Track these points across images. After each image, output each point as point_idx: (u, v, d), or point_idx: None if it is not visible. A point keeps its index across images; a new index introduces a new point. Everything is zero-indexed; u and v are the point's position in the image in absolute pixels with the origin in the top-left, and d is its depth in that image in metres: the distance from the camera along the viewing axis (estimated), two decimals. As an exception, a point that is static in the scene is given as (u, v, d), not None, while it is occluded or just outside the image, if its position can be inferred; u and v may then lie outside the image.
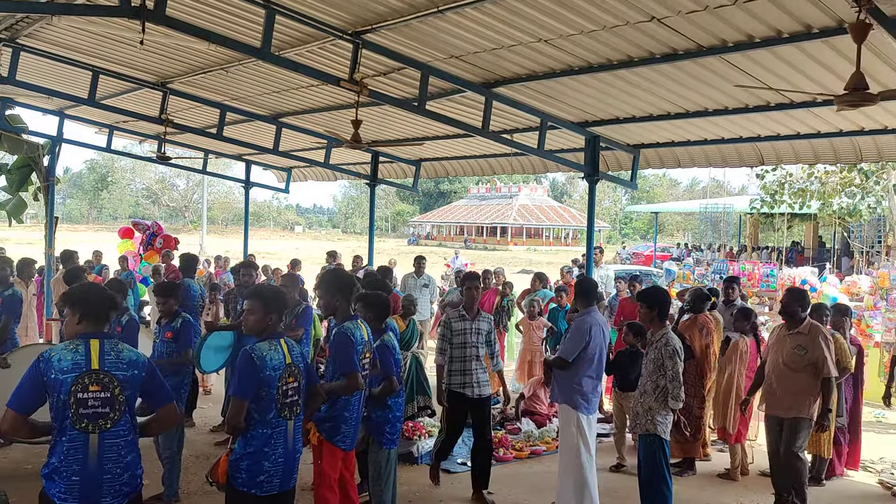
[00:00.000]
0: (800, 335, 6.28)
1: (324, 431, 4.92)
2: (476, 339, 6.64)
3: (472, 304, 6.71)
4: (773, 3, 5.49)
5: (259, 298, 4.18)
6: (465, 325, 6.62)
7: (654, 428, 5.74)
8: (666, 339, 5.80)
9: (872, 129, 8.24)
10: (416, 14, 6.63)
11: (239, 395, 3.96)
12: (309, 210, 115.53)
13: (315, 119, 11.81)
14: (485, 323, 6.76)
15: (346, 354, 4.81)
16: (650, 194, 78.76)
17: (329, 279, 5.25)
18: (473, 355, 6.62)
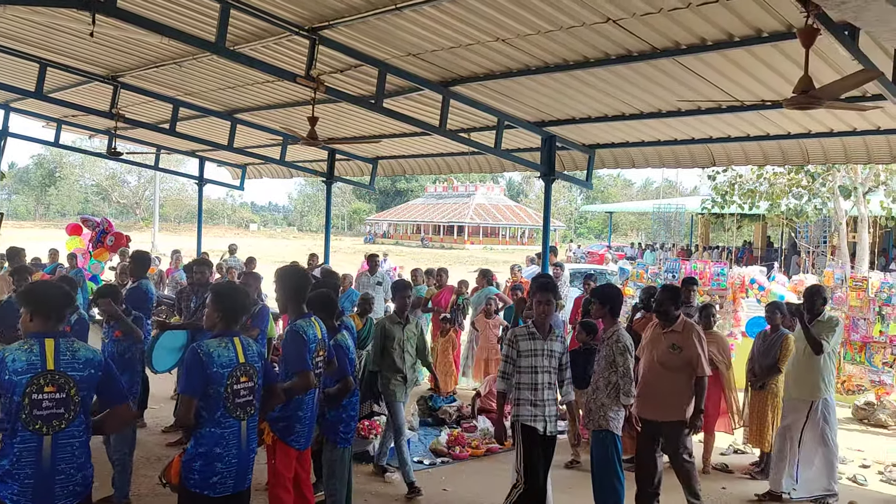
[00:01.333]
0: (674, 333, 6.06)
1: (277, 431, 4.86)
2: (549, 361, 5.55)
3: (543, 320, 5.60)
4: (725, 6, 5.60)
5: (217, 296, 4.13)
6: (535, 345, 5.54)
7: (607, 424, 5.79)
8: (617, 335, 5.85)
9: (819, 132, 8.48)
10: (373, 11, 6.60)
11: (186, 392, 3.90)
12: (264, 208, 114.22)
13: (271, 115, 11.69)
14: (558, 343, 5.63)
15: (298, 353, 4.76)
16: (605, 194, 79.74)
17: (283, 276, 5.19)
18: (545, 382, 5.54)
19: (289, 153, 13.94)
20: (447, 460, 7.76)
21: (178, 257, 14.72)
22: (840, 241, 19.73)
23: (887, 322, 10.16)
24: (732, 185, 20.33)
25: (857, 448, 8.74)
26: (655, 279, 12.17)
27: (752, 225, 34.66)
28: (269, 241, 60.09)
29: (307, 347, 4.79)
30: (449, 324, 10.64)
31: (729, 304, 11.42)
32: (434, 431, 8.59)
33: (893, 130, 8.02)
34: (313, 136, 8.43)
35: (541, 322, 5.63)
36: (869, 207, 19.32)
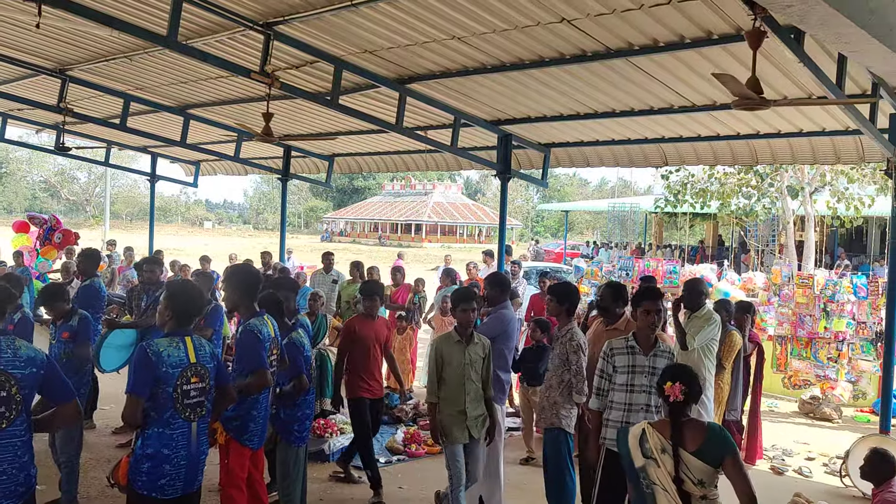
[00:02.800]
0: (616, 332, 5.93)
1: (231, 431, 4.81)
2: (649, 380, 4.80)
3: (646, 334, 4.91)
4: (676, 8, 5.70)
5: (171, 294, 4.07)
6: (634, 361, 4.87)
7: (559, 422, 5.80)
8: (571, 333, 5.86)
9: (767, 132, 8.68)
10: (329, 7, 6.56)
11: (134, 392, 3.82)
12: (219, 205, 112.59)
13: (225, 111, 11.53)
14: (662, 359, 4.86)
15: (253, 352, 4.72)
16: (561, 193, 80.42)
17: (233, 275, 5.15)
18: (642, 404, 4.82)
19: (244, 150, 13.77)
20: (403, 458, 7.77)
21: (130, 255, 14.45)
22: (788, 240, 20.20)
23: (832, 318, 10.45)
24: (685, 185, 20.66)
25: (803, 441, 8.98)
26: (610, 277, 12.33)
27: (704, 224, 35.31)
28: (224, 240, 59.28)
29: (262, 346, 4.75)
30: (406, 322, 10.64)
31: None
32: (390, 430, 8.58)
33: (838, 132, 8.24)
34: (268, 133, 8.34)
35: (644, 337, 4.92)
36: (815, 207, 19.81)
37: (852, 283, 10.64)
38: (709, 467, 3.56)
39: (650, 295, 5.03)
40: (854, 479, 6.97)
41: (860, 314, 10.44)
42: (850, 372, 10.42)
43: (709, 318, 6.71)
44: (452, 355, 5.49)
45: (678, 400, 3.65)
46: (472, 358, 5.50)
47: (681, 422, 3.67)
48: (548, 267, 19.21)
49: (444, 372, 5.51)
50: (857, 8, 3.93)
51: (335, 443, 7.57)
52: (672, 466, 3.57)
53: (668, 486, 3.56)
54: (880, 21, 4.16)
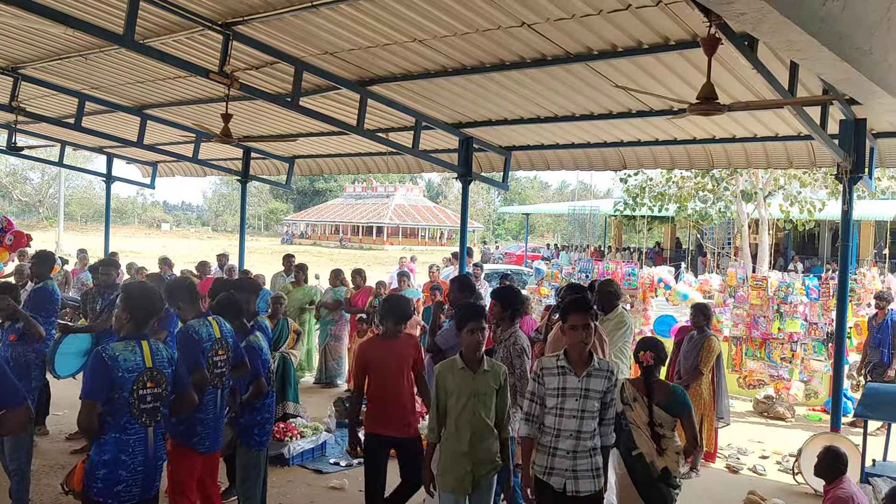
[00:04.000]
0: None
1: (177, 436, 4.70)
2: (580, 404, 4.37)
3: (578, 352, 4.40)
4: (634, 14, 5.79)
5: (128, 297, 4.01)
6: (565, 383, 4.35)
7: None
8: (515, 337, 5.79)
9: (722, 137, 8.85)
10: (289, 8, 6.53)
11: (89, 397, 3.75)
12: (177, 207, 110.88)
13: (183, 112, 11.38)
14: (599, 379, 4.39)
15: (189, 353, 4.63)
16: (522, 196, 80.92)
17: (166, 290, 5.14)
18: (572, 430, 4.35)
19: (203, 151, 13.60)
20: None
21: (85, 258, 14.16)
22: (743, 243, 20.61)
23: (785, 319, 10.68)
24: (643, 189, 20.95)
25: (758, 440, 9.15)
26: (569, 279, 12.45)
27: (662, 227, 35.84)
28: (182, 242, 58.43)
29: (199, 347, 4.69)
30: (366, 324, 10.61)
31: (639, 303, 11.79)
32: (351, 432, 8.53)
33: (790, 137, 8.44)
34: (227, 134, 8.26)
35: (575, 353, 4.39)
36: (769, 210, 20.25)
37: (804, 284, 10.89)
38: (670, 417, 4.90)
39: (577, 307, 4.42)
40: (806, 476, 7.13)
41: (812, 315, 10.69)
42: (803, 372, 10.66)
43: (621, 320, 6.63)
44: (456, 385, 4.57)
45: (650, 364, 4.94)
46: (480, 389, 4.56)
47: (651, 381, 4.93)
48: (508, 269, 19.32)
49: (448, 405, 4.60)
50: (808, 16, 4.04)
51: (295, 447, 7.51)
52: (646, 413, 4.88)
53: (642, 425, 4.89)
54: (830, 29, 4.28)
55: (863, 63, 4.89)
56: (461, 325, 4.71)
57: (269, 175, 15.52)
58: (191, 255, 33.45)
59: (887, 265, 24.17)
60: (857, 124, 7.33)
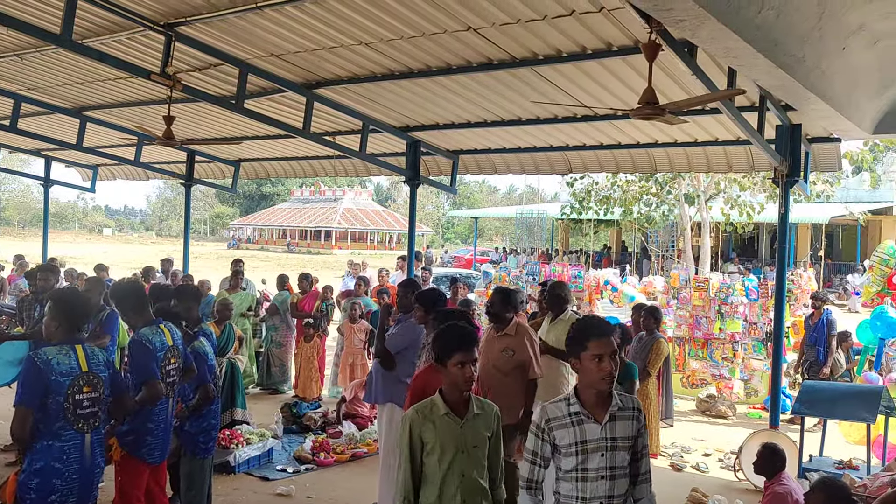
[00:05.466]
0: (507, 337, 5.92)
1: (126, 446, 4.60)
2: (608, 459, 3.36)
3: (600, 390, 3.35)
4: (578, 21, 5.87)
5: (55, 303, 3.90)
6: (584, 434, 3.31)
7: None
8: None
9: (665, 142, 9.04)
10: (233, 9, 6.44)
11: (23, 404, 3.64)
12: (119, 212, 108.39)
13: (124, 114, 11.12)
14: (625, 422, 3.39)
15: (143, 362, 4.55)
16: (471, 200, 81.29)
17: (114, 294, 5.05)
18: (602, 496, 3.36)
19: (145, 154, 13.31)
20: (312, 467, 7.66)
21: (22, 264, 13.73)
22: (685, 245, 21.05)
23: (726, 320, 10.94)
24: (589, 192, 21.22)
25: (700, 438, 9.34)
26: (517, 282, 12.55)
27: (608, 230, 36.41)
28: (124, 247, 57.07)
29: (153, 356, 4.60)
30: (313, 329, 10.53)
31: (586, 304, 11.95)
32: (299, 439, 8.46)
33: (730, 142, 8.65)
34: (170, 137, 8.10)
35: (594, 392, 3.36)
36: (710, 214, 20.73)
37: (744, 286, 11.17)
38: (620, 385, 4.87)
39: (598, 331, 3.34)
40: (747, 472, 7.30)
41: (752, 315, 10.98)
42: (743, 371, 10.93)
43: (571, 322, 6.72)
44: (437, 438, 3.53)
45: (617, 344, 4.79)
46: (470, 441, 3.58)
47: None
48: (458, 273, 19.38)
49: (425, 464, 3.55)
50: (744, 24, 4.16)
51: (241, 454, 7.40)
52: None
53: None
54: (765, 37, 4.42)
55: (797, 70, 5.05)
56: (444, 353, 3.58)
57: (215, 179, 15.27)
58: (134, 260, 32.70)
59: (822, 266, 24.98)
60: (793, 130, 7.55)
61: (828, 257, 29.96)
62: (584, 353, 3.31)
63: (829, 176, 18.91)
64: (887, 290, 10.79)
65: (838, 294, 26.15)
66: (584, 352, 3.31)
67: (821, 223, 27.15)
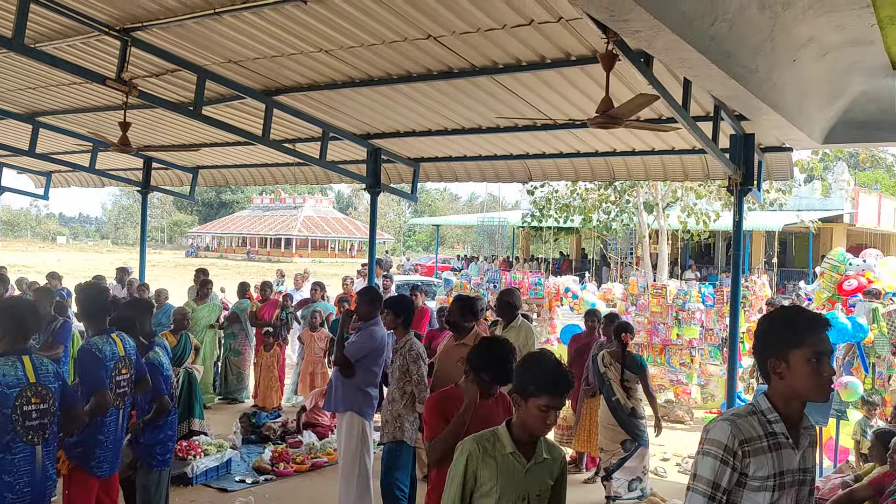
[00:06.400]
0: (465, 346, 5.63)
1: (74, 458, 4.48)
2: (797, 494, 2.68)
3: (819, 394, 2.59)
4: (537, 30, 5.93)
5: (1, 312, 3.81)
6: (781, 463, 2.57)
7: (402, 434, 5.72)
8: (410, 344, 5.83)
9: (623, 150, 9.16)
10: (190, 14, 6.36)
11: None
12: (74, 219, 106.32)
13: (79, 120, 10.91)
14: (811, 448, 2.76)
15: (92, 372, 4.45)
16: (433, 208, 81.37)
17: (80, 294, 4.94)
18: None
19: (100, 161, 13.06)
20: (271, 477, 7.58)
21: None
22: (644, 253, 21.33)
23: (683, 326, 11.11)
24: (549, 200, 21.39)
25: (659, 443, 9.45)
26: (478, 289, 12.59)
27: (568, 237, 36.71)
28: (79, 256, 55.89)
29: (102, 366, 4.51)
30: (273, 338, 10.43)
31: (546, 311, 12.04)
32: (258, 449, 8.36)
33: (686, 151, 8.80)
34: (126, 143, 7.98)
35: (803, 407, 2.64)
36: (668, 221, 21.04)
37: (701, 292, 11.36)
38: (634, 375, 6.99)
39: (817, 324, 2.58)
40: (704, 475, 7.40)
41: (708, 321, 11.16)
42: (700, 376, 11.10)
43: (529, 329, 6.75)
44: (499, 480, 3.05)
45: (626, 341, 7.07)
46: (534, 488, 3.11)
47: (625, 352, 7.02)
48: (419, 280, 19.37)
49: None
50: (698, 35, 4.24)
51: (199, 465, 7.29)
52: (619, 373, 6.93)
53: (616, 381, 6.91)
54: (719, 48, 4.51)
55: (749, 81, 5.16)
56: (531, 389, 3.02)
57: (172, 186, 15.05)
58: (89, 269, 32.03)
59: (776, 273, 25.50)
60: (746, 139, 7.72)
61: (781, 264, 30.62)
62: (796, 351, 2.52)
63: (782, 185, 19.31)
64: (838, 296, 11.05)
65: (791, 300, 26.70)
66: (796, 350, 2.53)
67: (774, 231, 27.73)
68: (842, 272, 11.30)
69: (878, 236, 33.37)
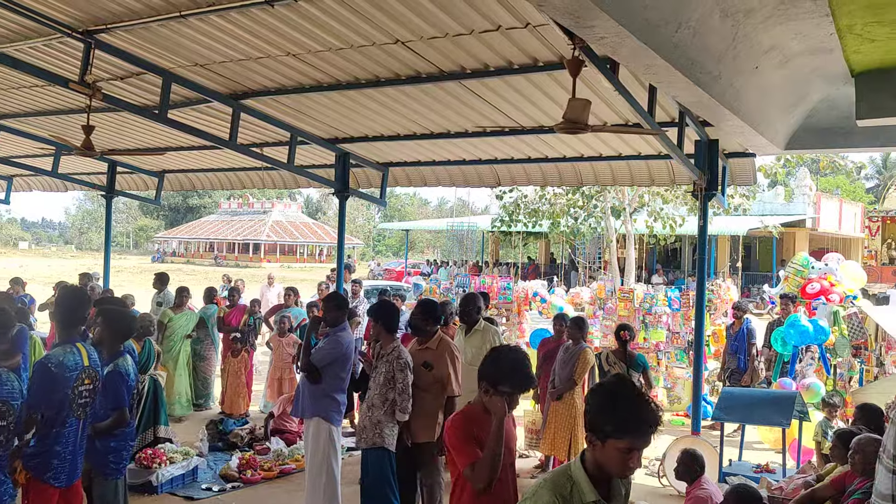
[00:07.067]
0: (428, 350, 5.88)
1: (32, 469, 4.36)
2: None
3: None
4: (505, 36, 5.96)
5: None
6: None
7: (382, 441, 5.70)
8: (398, 352, 5.79)
9: (590, 156, 9.23)
10: (156, 17, 6.29)
11: None
12: (36, 224, 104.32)
13: (41, 123, 10.71)
14: None
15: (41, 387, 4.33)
16: (402, 212, 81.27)
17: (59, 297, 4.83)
18: None
19: (64, 164, 12.83)
20: (238, 485, 7.50)
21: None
22: (611, 257, 21.50)
23: (650, 329, 11.21)
24: (518, 205, 21.47)
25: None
26: (447, 294, 12.59)
27: (537, 242, 36.91)
28: (42, 261, 54.83)
29: (55, 379, 4.40)
30: (240, 344, 10.33)
31: (514, 316, 12.08)
32: (225, 456, 8.26)
33: (652, 156, 8.90)
34: (89, 147, 7.83)
35: None
36: (635, 226, 21.22)
37: (667, 296, 11.48)
38: (636, 372, 7.68)
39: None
40: (670, 478, 7.49)
41: (674, 325, 11.28)
42: (667, 379, 11.22)
43: (492, 332, 6.82)
44: None
45: (627, 339, 7.84)
46: None
47: (627, 350, 7.81)
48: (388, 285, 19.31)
49: None
50: (663, 42, 4.30)
51: (164, 473, 7.18)
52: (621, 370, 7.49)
53: None
54: (682, 55, 4.58)
55: (713, 87, 5.25)
56: (612, 428, 2.64)
57: (138, 190, 14.84)
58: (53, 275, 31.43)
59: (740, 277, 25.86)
60: (710, 145, 7.84)
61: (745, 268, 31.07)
62: (614, 441, 2.61)
63: (745, 190, 19.60)
64: (801, 299, 11.25)
65: (756, 303, 27.14)
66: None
67: (739, 235, 28.14)
68: (805, 276, 11.51)
69: (839, 240, 34.07)
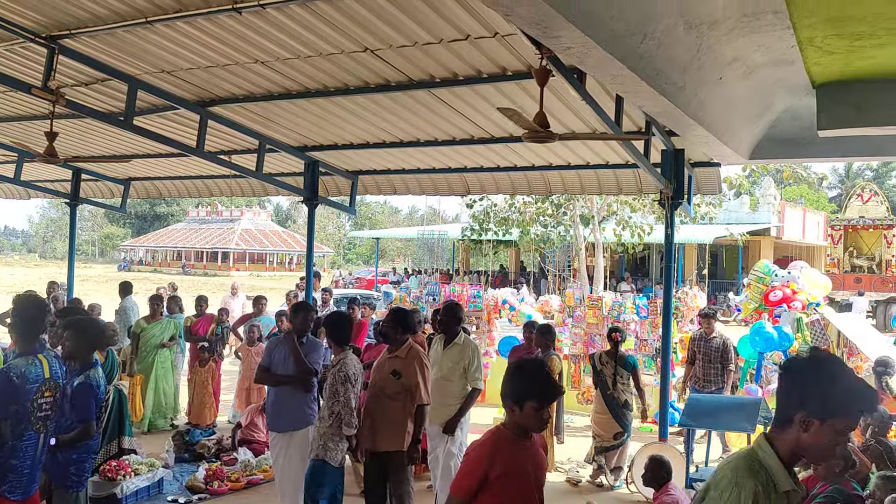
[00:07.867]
0: (397, 359, 5.87)
1: None
2: None
3: None
4: (473, 45, 5.99)
5: None
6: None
7: (324, 454, 5.65)
8: (342, 364, 5.73)
9: (558, 164, 9.31)
10: (121, 23, 6.22)
11: None
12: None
13: (3, 129, 10.52)
14: None
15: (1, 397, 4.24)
16: (373, 221, 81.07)
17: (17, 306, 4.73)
18: None
19: (26, 172, 12.61)
20: (205, 496, 7.41)
21: None
22: (580, 265, 21.65)
23: (619, 337, 11.28)
24: (488, 214, 21.55)
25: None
26: (417, 302, 12.58)
27: (507, 250, 37.05)
28: (4, 270, 53.76)
29: (17, 390, 4.30)
30: (207, 353, 10.21)
31: (484, 324, 12.10)
32: (191, 467, 8.16)
33: (619, 165, 9.00)
34: (52, 154, 7.71)
35: None
36: (604, 234, 21.42)
37: (635, 304, 11.58)
38: (626, 371, 8.21)
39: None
40: (638, 485, 7.54)
41: (642, 332, 11.38)
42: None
43: (471, 346, 6.75)
44: None
45: (618, 340, 8.33)
46: None
47: (618, 352, 8.27)
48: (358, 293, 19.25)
49: None
50: (628, 53, 4.35)
51: (129, 485, 7.06)
52: (613, 371, 8.16)
53: (610, 377, 8.16)
54: (648, 65, 4.63)
55: (678, 97, 5.32)
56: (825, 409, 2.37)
57: (103, 198, 14.64)
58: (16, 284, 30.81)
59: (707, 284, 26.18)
60: (677, 154, 7.94)
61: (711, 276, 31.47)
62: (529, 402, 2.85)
63: (712, 199, 19.88)
64: (764, 306, 11.41)
65: (722, 311, 27.50)
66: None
67: (705, 243, 28.50)
68: (767, 283, 11.68)
69: (804, 248, 34.70)
